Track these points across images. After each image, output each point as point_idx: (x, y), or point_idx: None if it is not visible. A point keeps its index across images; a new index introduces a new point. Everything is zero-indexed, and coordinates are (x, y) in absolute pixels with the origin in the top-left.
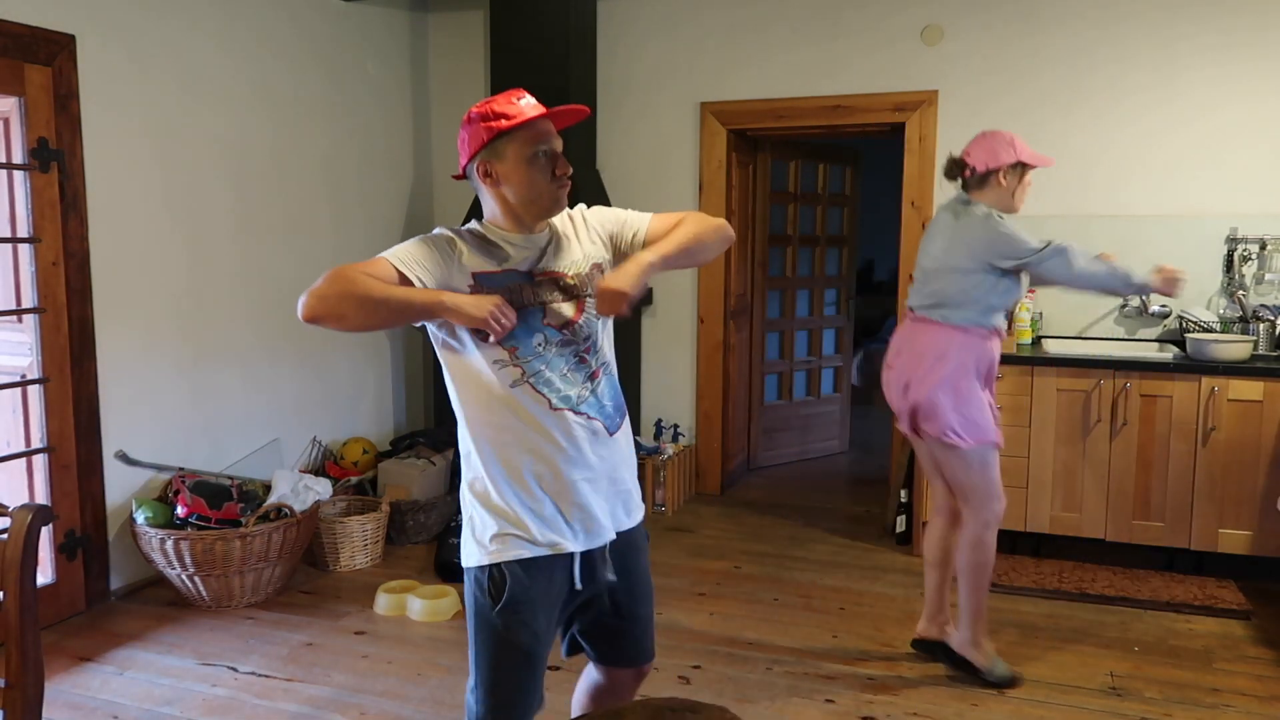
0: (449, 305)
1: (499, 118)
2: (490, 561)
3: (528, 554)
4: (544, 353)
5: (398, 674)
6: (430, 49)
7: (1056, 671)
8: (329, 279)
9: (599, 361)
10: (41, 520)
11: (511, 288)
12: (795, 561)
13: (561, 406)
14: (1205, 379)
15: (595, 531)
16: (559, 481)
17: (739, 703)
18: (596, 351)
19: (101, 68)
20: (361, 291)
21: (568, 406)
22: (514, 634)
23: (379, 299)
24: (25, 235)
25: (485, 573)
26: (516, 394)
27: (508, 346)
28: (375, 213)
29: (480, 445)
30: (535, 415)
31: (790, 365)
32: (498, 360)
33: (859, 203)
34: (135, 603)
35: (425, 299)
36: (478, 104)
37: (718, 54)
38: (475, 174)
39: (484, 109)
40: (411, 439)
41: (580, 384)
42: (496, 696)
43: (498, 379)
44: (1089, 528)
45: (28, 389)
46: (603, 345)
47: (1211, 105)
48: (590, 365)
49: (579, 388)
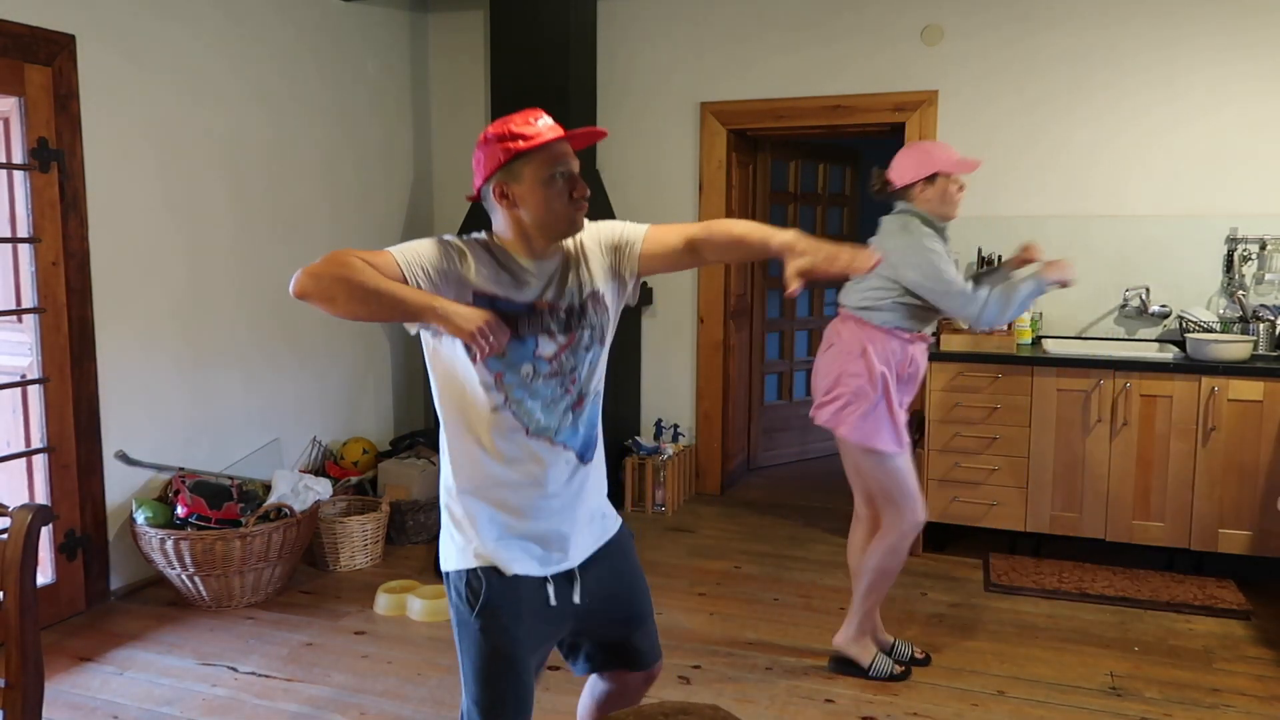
0: (440, 312)
1: (516, 138)
2: (466, 567)
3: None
4: (530, 382)
5: (398, 674)
6: (430, 49)
7: (1056, 671)
8: (327, 259)
9: (582, 391)
10: (41, 520)
11: (508, 316)
12: (795, 561)
13: (538, 434)
14: (1205, 379)
15: (561, 559)
16: (529, 506)
17: (739, 703)
18: (581, 382)
19: (101, 68)
20: (356, 278)
21: (544, 435)
22: (494, 638)
23: (372, 289)
24: (25, 235)
25: (462, 577)
26: (497, 417)
27: (494, 371)
28: (375, 212)
29: (456, 457)
30: (512, 439)
31: (790, 365)
32: (484, 382)
33: (859, 203)
34: (135, 603)
35: (418, 300)
36: (494, 124)
37: (718, 54)
38: (491, 195)
39: (501, 129)
40: (411, 439)
41: (561, 414)
42: (483, 703)
43: (483, 398)
44: (1089, 528)
45: (28, 389)
46: (591, 375)
47: (1212, 105)
48: (573, 395)
49: (559, 417)
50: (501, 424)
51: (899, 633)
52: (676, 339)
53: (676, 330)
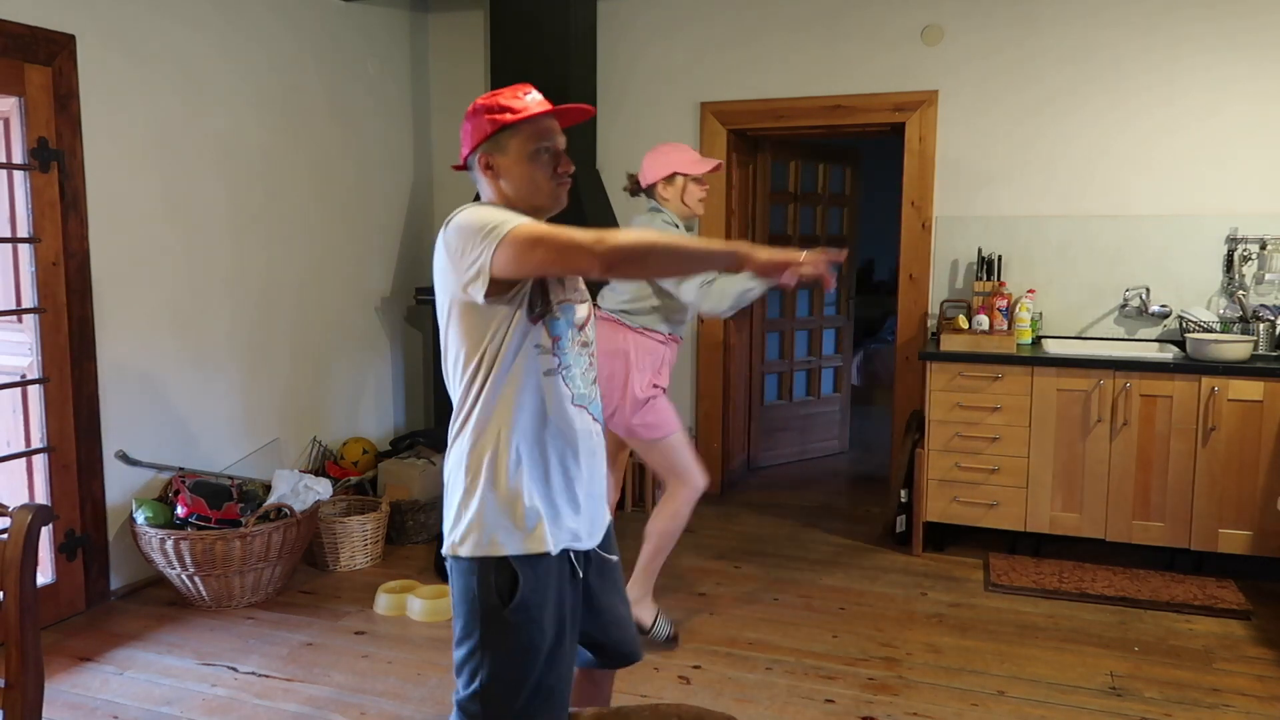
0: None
1: (504, 110)
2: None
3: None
4: (571, 348)
5: (398, 674)
6: (430, 49)
7: (1056, 671)
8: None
9: (596, 363)
10: (41, 520)
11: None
12: (795, 561)
13: (580, 403)
14: (1205, 379)
15: (594, 530)
16: (574, 475)
17: (739, 703)
18: (595, 355)
19: (101, 68)
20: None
21: (583, 404)
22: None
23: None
24: (25, 235)
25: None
26: (550, 382)
27: (553, 334)
28: (375, 212)
29: (503, 427)
30: (562, 406)
31: (790, 365)
32: (539, 345)
33: (859, 202)
34: (135, 603)
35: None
36: (484, 96)
37: (718, 54)
38: (476, 165)
39: (489, 101)
40: (411, 439)
41: (590, 384)
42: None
43: (537, 363)
44: (1089, 528)
45: (28, 389)
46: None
47: (1212, 106)
48: (594, 369)
49: (590, 387)
50: (554, 390)
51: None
52: None
53: None
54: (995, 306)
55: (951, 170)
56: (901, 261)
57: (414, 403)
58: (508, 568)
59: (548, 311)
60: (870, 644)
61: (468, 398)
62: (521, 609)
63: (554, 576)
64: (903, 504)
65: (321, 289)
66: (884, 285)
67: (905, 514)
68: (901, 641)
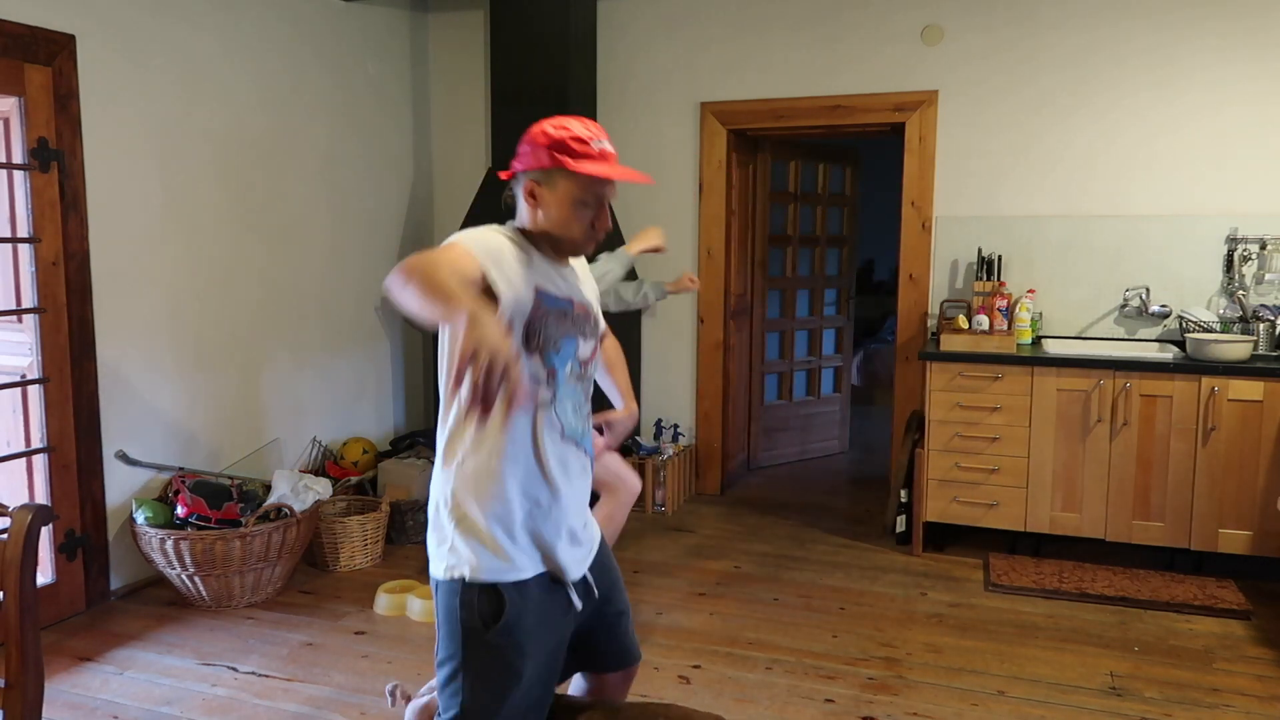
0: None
1: (569, 152)
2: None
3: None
4: (568, 382)
5: (398, 674)
6: (430, 49)
7: (1056, 671)
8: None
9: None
10: (41, 520)
11: (564, 311)
12: (795, 561)
13: (569, 438)
14: (1205, 379)
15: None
16: (558, 507)
17: (739, 703)
18: (590, 390)
19: (101, 68)
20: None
21: (572, 439)
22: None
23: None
24: (25, 235)
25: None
26: (541, 414)
27: (549, 366)
28: (375, 212)
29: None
30: (551, 439)
31: (790, 365)
32: (534, 375)
33: (859, 202)
34: (135, 603)
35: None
36: (555, 122)
37: (718, 54)
38: (521, 188)
39: (559, 134)
40: (411, 439)
41: (582, 419)
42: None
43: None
44: (1089, 528)
45: (28, 389)
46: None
47: (1212, 106)
48: (588, 404)
49: (582, 422)
50: (545, 422)
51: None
52: (676, 339)
53: (676, 330)
54: (995, 306)
55: (951, 170)
56: (901, 261)
57: (414, 403)
58: (492, 591)
59: (548, 344)
60: (870, 644)
61: (456, 419)
62: (505, 632)
63: (536, 604)
64: (903, 504)
65: (321, 288)
66: (884, 285)
67: (905, 514)
68: (901, 641)
